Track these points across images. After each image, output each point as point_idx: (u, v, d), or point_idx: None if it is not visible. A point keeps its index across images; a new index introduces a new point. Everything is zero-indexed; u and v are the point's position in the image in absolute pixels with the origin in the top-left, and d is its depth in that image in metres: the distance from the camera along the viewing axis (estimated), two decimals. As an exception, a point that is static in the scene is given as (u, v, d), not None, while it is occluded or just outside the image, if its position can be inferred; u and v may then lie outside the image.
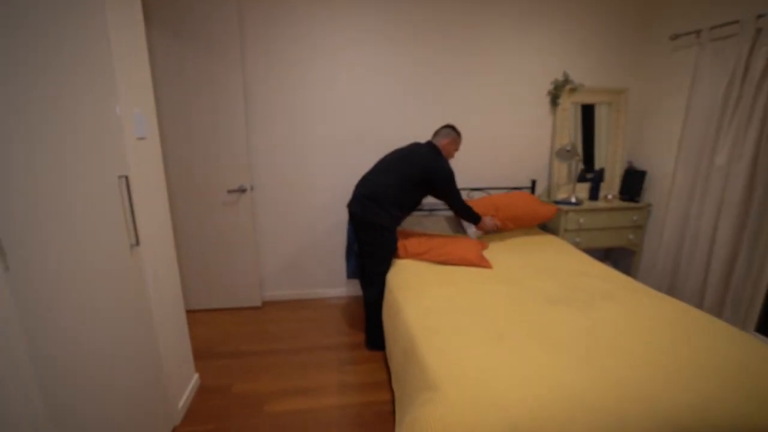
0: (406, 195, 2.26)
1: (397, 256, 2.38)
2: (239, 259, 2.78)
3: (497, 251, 2.49)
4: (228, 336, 2.52)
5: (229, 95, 2.48)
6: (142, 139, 1.54)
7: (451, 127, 2.39)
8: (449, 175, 2.26)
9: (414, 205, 2.37)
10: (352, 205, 2.30)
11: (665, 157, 2.84)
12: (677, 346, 1.43)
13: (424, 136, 2.51)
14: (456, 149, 2.42)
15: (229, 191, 2.63)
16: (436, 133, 2.41)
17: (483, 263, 2.20)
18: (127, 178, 1.39)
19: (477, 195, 3.00)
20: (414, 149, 2.35)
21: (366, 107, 2.77)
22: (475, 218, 2.46)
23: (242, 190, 2.65)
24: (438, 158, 2.27)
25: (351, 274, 2.78)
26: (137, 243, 1.45)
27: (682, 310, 1.71)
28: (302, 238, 2.94)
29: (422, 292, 1.93)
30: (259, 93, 2.62)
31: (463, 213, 2.42)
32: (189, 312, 2.74)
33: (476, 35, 2.76)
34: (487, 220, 2.53)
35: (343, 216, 2.89)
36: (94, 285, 1.21)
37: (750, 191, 2.24)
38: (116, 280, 1.33)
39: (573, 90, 2.90)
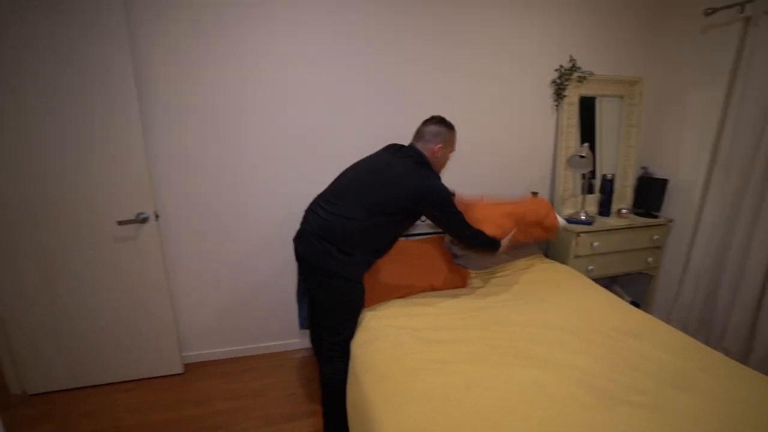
0: (378, 232, 1.56)
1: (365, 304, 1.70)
2: (144, 311, 1.97)
3: (498, 295, 1.85)
4: (122, 433, 1.73)
5: (113, 88, 1.67)
6: None
7: (440, 121, 1.64)
8: (445, 197, 1.55)
9: (390, 244, 1.67)
10: (298, 242, 1.60)
11: (693, 162, 2.30)
12: None
13: (392, 141, 1.82)
14: (452, 150, 1.69)
15: (121, 222, 1.82)
16: (420, 133, 1.64)
17: (456, 282, 1.94)
18: None
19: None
20: (390, 161, 1.59)
21: (316, 105, 2.02)
22: (492, 245, 1.74)
23: (142, 220, 1.84)
24: (427, 176, 1.56)
25: (305, 323, 2.07)
26: None
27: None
28: (238, 277, 2.16)
29: (407, 385, 1.25)
30: (159, 84, 1.82)
31: (475, 242, 1.69)
32: (71, 391, 1.94)
33: (463, 11, 2.09)
34: (506, 242, 1.82)
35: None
36: None
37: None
38: None
39: (581, 79, 2.31)
